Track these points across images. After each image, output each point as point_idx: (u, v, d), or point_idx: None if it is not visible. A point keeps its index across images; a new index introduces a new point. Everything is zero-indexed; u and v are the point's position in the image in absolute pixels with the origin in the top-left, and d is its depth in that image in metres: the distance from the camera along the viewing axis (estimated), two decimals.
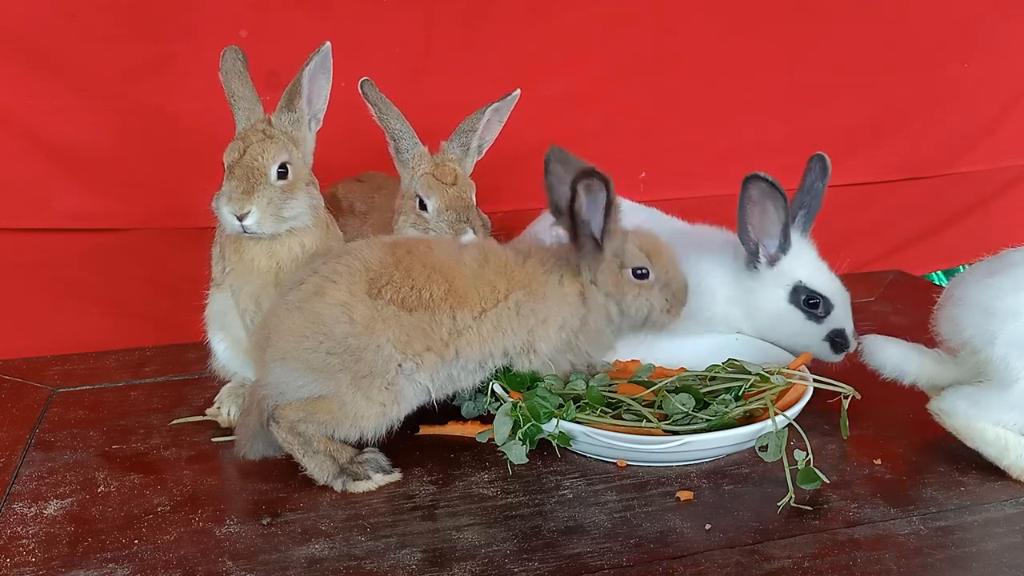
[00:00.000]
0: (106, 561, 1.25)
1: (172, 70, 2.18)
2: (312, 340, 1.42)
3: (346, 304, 1.43)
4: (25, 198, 2.16)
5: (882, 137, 2.78)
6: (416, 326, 1.45)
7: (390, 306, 1.44)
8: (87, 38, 2.10)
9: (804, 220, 1.80)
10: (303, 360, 1.42)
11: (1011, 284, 1.40)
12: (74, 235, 2.21)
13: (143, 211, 2.22)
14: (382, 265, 1.47)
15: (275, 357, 1.44)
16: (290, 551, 1.27)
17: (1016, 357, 1.38)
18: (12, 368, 1.96)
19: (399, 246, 1.52)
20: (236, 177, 1.55)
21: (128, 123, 2.13)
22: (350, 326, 1.42)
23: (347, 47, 2.02)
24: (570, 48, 2.42)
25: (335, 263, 1.48)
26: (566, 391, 1.58)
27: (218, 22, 2.16)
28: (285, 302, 1.47)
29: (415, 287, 1.46)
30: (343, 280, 1.45)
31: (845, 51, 2.64)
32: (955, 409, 1.45)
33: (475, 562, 1.24)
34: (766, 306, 1.77)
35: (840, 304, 1.75)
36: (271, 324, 1.47)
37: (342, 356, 1.41)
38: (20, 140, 2.12)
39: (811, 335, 1.74)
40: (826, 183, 1.79)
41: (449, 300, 1.47)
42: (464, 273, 1.50)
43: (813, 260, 1.78)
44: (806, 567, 1.22)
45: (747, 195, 1.70)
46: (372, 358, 1.42)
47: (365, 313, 1.42)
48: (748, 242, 1.75)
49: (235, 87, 1.62)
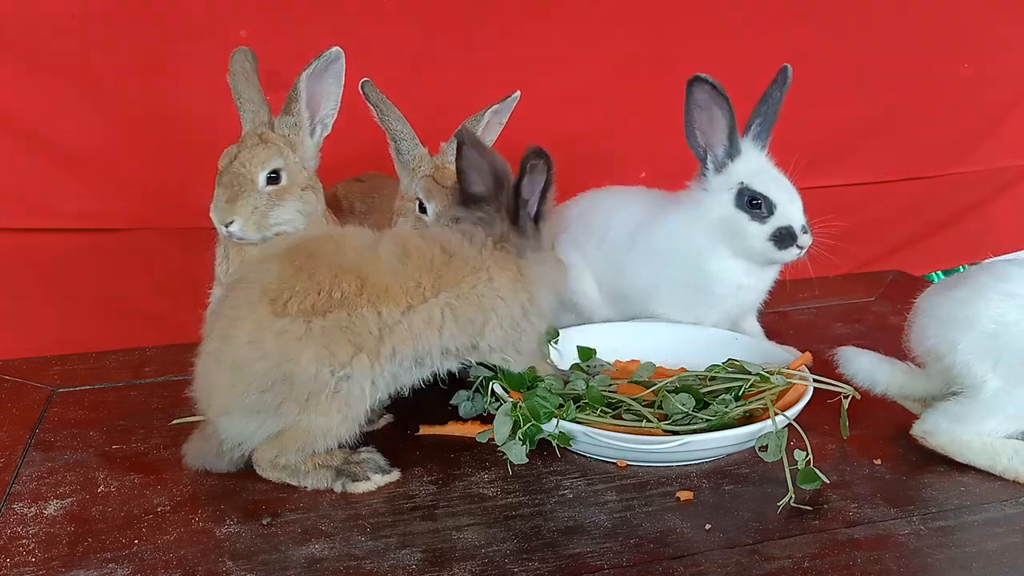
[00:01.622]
0: (106, 561, 1.25)
1: (172, 70, 2.18)
2: (240, 387, 1.37)
3: (253, 340, 1.36)
4: (25, 198, 2.16)
5: (882, 137, 2.79)
6: (334, 329, 1.37)
7: (299, 320, 1.36)
8: (87, 38, 2.10)
9: (759, 129, 1.81)
10: (243, 408, 1.38)
11: (969, 295, 1.47)
12: (74, 235, 2.21)
13: (143, 211, 2.22)
14: (280, 280, 1.39)
15: (218, 414, 1.42)
16: (290, 551, 1.27)
17: (977, 363, 1.44)
18: (12, 368, 1.96)
19: (298, 251, 1.43)
20: (223, 184, 1.57)
21: (128, 123, 2.13)
22: (266, 360, 1.35)
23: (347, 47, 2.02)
24: (570, 48, 2.42)
25: (232, 297, 1.42)
26: (566, 391, 1.58)
27: (218, 22, 2.16)
28: (203, 355, 1.43)
29: (323, 290, 1.38)
30: (244, 313, 1.38)
31: (845, 51, 2.65)
32: (937, 428, 1.48)
33: (475, 562, 1.24)
34: (714, 213, 1.78)
35: (786, 202, 1.75)
36: (201, 383, 1.44)
37: (275, 390, 1.36)
38: (20, 140, 2.12)
39: (755, 235, 1.75)
40: (783, 93, 1.79)
41: (366, 295, 1.40)
42: (380, 268, 1.43)
43: (760, 164, 1.79)
44: (806, 567, 1.22)
45: (693, 99, 1.74)
46: (303, 380, 1.36)
47: (275, 341, 1.35)
48: (696, 147, 1.78)
49: (242, 89, 1.62)
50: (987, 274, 1.50)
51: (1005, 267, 1.50)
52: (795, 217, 1.75)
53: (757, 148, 1.80)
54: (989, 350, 1.43)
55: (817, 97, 2.55)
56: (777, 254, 1.75)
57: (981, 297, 1.46)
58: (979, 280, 1.49)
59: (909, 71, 2.73)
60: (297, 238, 1.52)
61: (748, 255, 1.78)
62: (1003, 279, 1.46)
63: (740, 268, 1.80)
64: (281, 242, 1.53)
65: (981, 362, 1.44)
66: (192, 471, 1.50)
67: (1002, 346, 1.42)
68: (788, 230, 1.74)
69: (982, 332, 1.44)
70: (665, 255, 1.84)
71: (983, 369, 1.44)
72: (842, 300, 2.38)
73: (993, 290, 1.46)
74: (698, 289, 1.82)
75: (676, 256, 1.83)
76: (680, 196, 1.87)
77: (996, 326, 1.43)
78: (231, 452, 1.44)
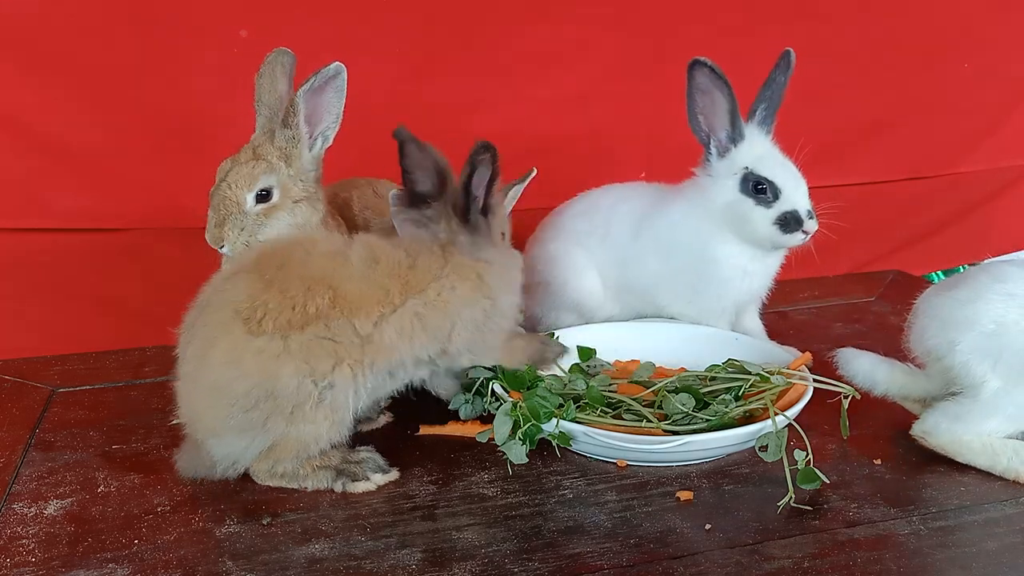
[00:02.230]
0: (106, 561, 1.25)
1: (172, 70, 2.18)
2: (223, 409, 1.35)
3: (231, 360, 1.34)
4: (25, 198, 2.16)
5: (882, 137, 2.78)
6: (313, 342, 1.35)
7: (276, 337, 1.34)
8: (87, 38, 2.10)
9: (764, 114, 1.80)
10: (230, 429, 1.36)
11: (968, 295, 1.48)
12: (74, 235, 2.21)
13: (143, 211, 2.22)
14: (251, 298, 1.35)
15: (206, 436, 1.40)
16: (290, 551, 1.27)
17: (977, 363, 1.44)
18: (12, 368, 1.96)
19: (267, 263, 1.40)
20: (212, 207, 1.58)
21: (128, 123, 2.13)
22: (246, 380, 1.33)
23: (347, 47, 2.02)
24: (570, 48, 2.42)
25: (205, 317, 1.40)
26: (566, 391, 1.58)
27: (218, 22, 2.16)
28: (183, 376, 1.42)
29: (296, 305, 1.35)
30: (217, 333, 1.36)
31: (845, 51, 2.64)
32: (937, 428, 1.48)
33: (475, 562, 1.24)
34: (719, 199, 1.78)
35: (792, 187, 1.75)
36: (183, 407, 1.43)
37: (260, 407, 1.34)
38: (20, 140, 2.11)
39: (761, 219, 1.75)
40: (787, 78, 1.79)
41: (339, 307, 1.37)
42: (351, 275, 1.40)
43: (765, 149, 1.79)
44: (806, 567, 1.22)
45: (694, 83, 1.74)
46: (286, 395, 1.34)
47: (254, 360, 1.33)
48: (699, 132, 1.78)
49: (263, 92, 1.62)
50: (986, 275, 1.50)
51: (1004, 268, 1.50)
52: (801, 202, 1.75)
53: (762, 133, 1.80)
54: (989, 350, 1.43)
55: (817, 96, 2.55)
56: (782, 238, 1.75)
57: (980, 297, 1.46)
58: (978, 280, 1.50)
59: (909, 71, 2.73)
60: (266, 247, 1.49)
61: (753, 240, 1.78)
62: (1002, 279, 1.47)
63: (745, 254, 1.80)
64: (249, 254, 1.50)
65: (981, 362, 1.44)
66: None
67: (1002, 346, 1.42)
68: (794, 214, 1.73)
69: (981, 332, 1.44)
70: (670, 244, 1.84)
71: (983, 369, 1.44)
72: (842, 300, 2.38)
73: (992, 290, 1.46)
74: (704, 276, 1.82)
75: (681, 244, 1.83)
76: (684, 185, 1.88)
77: (996, 326, 1.43)
78: (226, 472, 1.43)
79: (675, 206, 1.86)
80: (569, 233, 1.96)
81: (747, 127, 1.78)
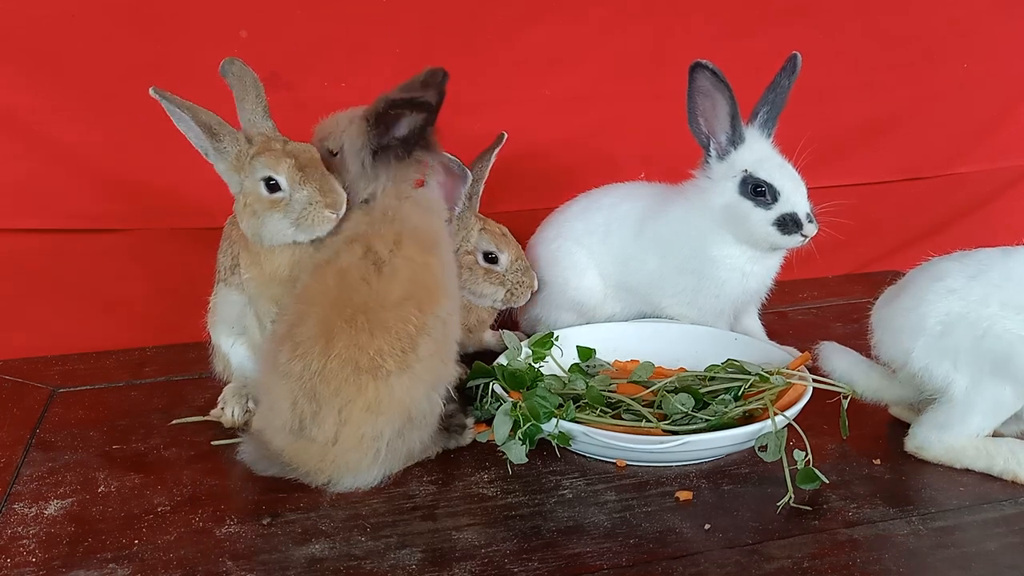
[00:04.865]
0: (106, 561, 1.26)
1: (172, 70, 2.18)
2: (370, 456, 1.39)
3: (373, 411, 1.38)
4: (25, 198, 2.16)
5: (882, 137, 2.78)
6: (429, 359, 1.42)
7: (401, 373, 1.39)
8: (87, 38, 2.10)
9: (766, 117, 1.81)
10: (379, 463, 1.41)
11: (911, 301, 1.49)
12: (74, 235, 2.20)
13: (143, 211, 2.21)
14: (358, 346, 1.38)
15: (342, 476, 1.41)
16: (290, 551, 1.27)
17: (936, 366, 1.44)
18: (12, 368, 1.96)
19: (341, 309, 1.39)
20: (314, 179, 1.50)
21: (128, 123, 2.13)
22: (392, 422, 1.39)
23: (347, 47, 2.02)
24: (570, 48, 2.42)
25: (321, 386, 1.38)
26: (566, 391, 1.58)
27: (218, 22, 2.16)
28: (319, 440, 1.39)
29: (399, 334, 1.39)
30: (353, 396, 1.37)
31: (845, 51, 2.64)
32: (927, 441, 1.48)
33: (475, 562, 1.24)
34: (718, 200, 1.79)
35: (790, 190, 1.75)
36: (323, 462, 1.40)
37: (402, 435, 1.41)
38: (20, 140, 2.11)
39: (759, 221, 1.75)
40: (792, 81, 1.80)
41: (424, 311, 1.42)
42: (384, 303, 1.41)
43: (765, 152, 1.79)
44: (806, 567, 1.22)
45: (695, 86, 1.74)
46: (423, 412, 1.42)
47: (391, 401, 1.39)
48: (699, 134, 1.79)
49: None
50: (925, 276, 1.51)
51: (941, 265, 1.51)
52: (800, 204, 1.75)
53: (763, 136, 1.81)
54: (944, 351, 1.43)
55: (817, 97, 2.55)
56: (781, 239, 1.76)
57: (923, 301, 1.46)
58: (918, 284, 1.50)
59: (909, 71, 2.73)
60: (315, 294, 1.44)
61: (751, 241, 1.78)
62: (940, 277, 1.47)
63: (744, 255, 1.81)
64: (312, 300, 1.43)
65: (939, 364, 1.44)
66: (192, 471, 1.50)
67: (956, 344, 1.42)
68: (792, 216, 1.74)
69: (931, 335, 1.44)
70: (670, 243, 1.85)
71: (944, 371, 1.44)
72: (842, 300, 2.38)
73: (932, 291, 1.46)
74: (702, 276, 1.82)
75: (681, 244, 1.83)
76: (684, 186, 1.88)
77: (943, 326, 1.44)
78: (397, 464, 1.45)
79: (675, 206, 1.86)
80: (569, 233, 1.96)
81: (747, 130, 1.79)
